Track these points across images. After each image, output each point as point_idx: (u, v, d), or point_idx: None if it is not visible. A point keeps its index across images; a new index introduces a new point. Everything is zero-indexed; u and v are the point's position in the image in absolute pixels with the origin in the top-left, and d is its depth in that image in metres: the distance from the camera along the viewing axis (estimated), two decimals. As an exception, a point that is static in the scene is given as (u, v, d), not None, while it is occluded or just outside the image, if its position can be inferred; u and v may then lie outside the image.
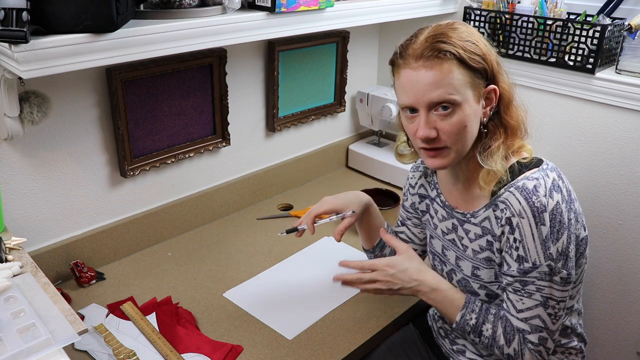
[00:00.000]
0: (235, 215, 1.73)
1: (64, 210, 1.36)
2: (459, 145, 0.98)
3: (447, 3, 1.76)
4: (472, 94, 0.96)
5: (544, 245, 0.94)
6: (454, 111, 0.95)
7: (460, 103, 0.95)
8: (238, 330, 1.23)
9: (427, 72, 0.94)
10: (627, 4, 1.52)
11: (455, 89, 0.94)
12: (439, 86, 0.93)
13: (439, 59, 0.93)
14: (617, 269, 1.57)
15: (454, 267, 1.13)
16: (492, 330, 1.03)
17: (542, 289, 0.97)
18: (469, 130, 0.97)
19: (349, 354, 1.17)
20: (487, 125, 1.00)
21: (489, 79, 0.98)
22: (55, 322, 0.88)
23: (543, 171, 0.98)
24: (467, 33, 0.97)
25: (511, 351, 1.02)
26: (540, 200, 0.94)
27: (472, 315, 1.04)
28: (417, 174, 1.24)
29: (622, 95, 1.42)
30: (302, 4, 1.33)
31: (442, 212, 1.15)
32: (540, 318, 0.98)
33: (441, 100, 0.94)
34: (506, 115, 1.00)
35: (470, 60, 0.94)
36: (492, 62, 0.97)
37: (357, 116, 2.05)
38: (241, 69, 1.62)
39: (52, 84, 1.23)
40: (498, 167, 0.99)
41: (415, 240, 1.30)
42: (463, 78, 0.94)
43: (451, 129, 0.96)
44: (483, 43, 0.97)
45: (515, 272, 0.98)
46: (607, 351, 1.66)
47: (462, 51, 0.93)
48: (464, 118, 0.95)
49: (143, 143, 1.44)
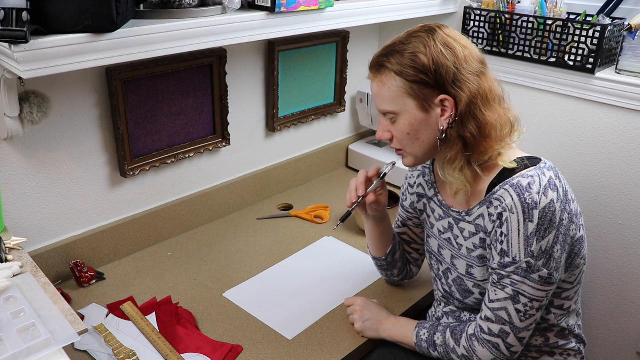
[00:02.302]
0: (235, 215, 1.73)
1: (64, 210, 1.36)
2: (412, 150, 1.05)
3: (447, 3, 1.76)
4: (414, 103, 0.99)
5: (527, 241, 0.95)
6: (396, 119, 1.03)
7: (398, 113, 1.01)
8: (238, 330, 1.23)
9: (373, 84, 1.04)
10: (627, 4, 1.52)
11: (391, 99, 1.01)
12: (378, 96, 1.03)
13: (379, 72, 1.02)
14: (617, 269, 1.57)
15: (449, 266, 1.14)
16: (442, 336, 1.09)
17: (515, 284, 0.98)
18: (418, 137, 1.02)
19: (349, 354, 1.17)
20: (447, 134, 1.00)
21: (441, 89, 0.97)
22: (55, 322, 0.88)
23: (540, 169, 0.98)
24: (421, 44, 0.97)
25: (463, 350, 1.05)
26: (533, 197, 0.94)
27: (424, 331, 1.13)
28: (416, 173, 1.24)
29: (622, 95, 1.42)
30: (302, 4, 1.33)
31: (439, 211, 1.15)
32: (507, 311, 0.99)
33: (381, 110, 1.04)
34: (463, 125, 0.98)
35: (403, 73, 0.98)
36: (444, 73, 0.96)
37: (357, 116, 2.05)
38: (241, 69, 1.62)
39: (52, 84, 1.23)
40: (449, 178, 1.03)
41: (418, 240, 1.30)
42: (399, 90, 0.99)
43: (397, 134, 1.04)
44: (437, 54, 0.96)
45: (496, 265, 1.00)
46: (606, 351, 1.66)
47: (397, 65, 0.98)
48: (407, 125, 1.01)
49: (143, 143, 1.44)
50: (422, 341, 1.12)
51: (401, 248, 1.30)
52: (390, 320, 1.20)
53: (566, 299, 1.07)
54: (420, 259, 1.34)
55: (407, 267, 1.33)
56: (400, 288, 1.38)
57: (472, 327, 1.06)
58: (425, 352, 1.12)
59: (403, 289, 1.38)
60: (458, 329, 1.08)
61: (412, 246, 1.31)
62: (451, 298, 1.17)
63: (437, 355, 1.10)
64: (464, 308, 1.15)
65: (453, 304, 1.18)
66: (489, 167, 1.02)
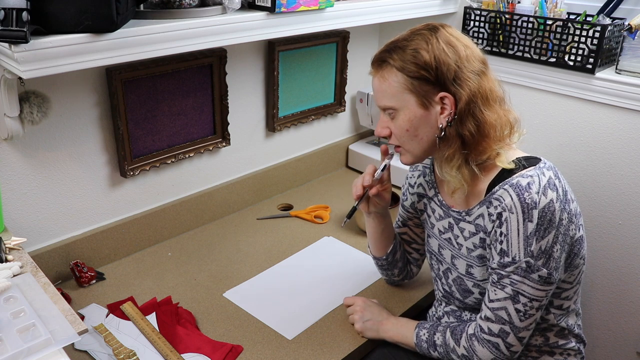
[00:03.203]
0: (235, 215, 1.73)
1: (64, 210, 1.36)
2: (410, 147, 1.05)
3: (447, 3, 1.76)
4: (414, 100, 0.99)
5: (526, 241, 0.95)
6: (396, 114, 1.03)
7: (398, 108, 1.02)
8: (238, 330, 1.23)
9: (374, 79, 1.05)
10: (627, 4, 1.52)
11: (391, 95, 1.01)
12: (379, 91, 1.04)
13: (380, 67, 1.02)
14: (617, 269, 1.57)
15: (449, 266, 1.15)
16: (442, 336, 1.09)
17: (515, 284, 0.98)
18: (417, 134, 1.02)
19: (349, 354, 1.17)
20: (445, 132, 1.00)
21: (441, 86, 0.97)
22: (55, 322, 0.88)
23: (539, 169, 0.98)
24: (424, 41, 0.97)
25: (463, 350, 1.05)
26: (532, 197, 0.94)
27: (424, 331, 1.13)
28: (416, 173, 1.24)
29: (622, 95, 1.42)
30: (302, 4, 1.33)
31: (439, 211, 1.16)
32: (507, 311, 0.99)
33: (380, 105, 1.05)
34: (461, 123, 0.98)
35: (405, 69, 0.98)
36: (445, 70, 0.96)
37: (357, 116, 2.05)
38: (241, 69, 1.62)
39: (52, 84, 1.23)
40: (447, 176, 1.03)
41: (418, 240, 1.30)
42: (399, 85, 0.99)
43: (396, 130, 1.04)
44: (439, 51, 0.96)
45: (495, 265, 1.00)
46: (606, 351, 1.66)
47: (399, 61, 0.99)
48: (406, 121, 1.02)
49: (143, 143, 1.44)
50: (422, 341, 1.12)
51: (402, 248, 1.30)
52: (390, 321, 1.20)
53: (566, 299, 1.07)
54: (421, 258, 1.34)
55: (407, 267, 1.33)
56: (400, 288, 1.38)
57: (472, 327, 1.06)
58: (425, 353, 1.12)
59: (403, 289, 1.38)
60: (458, 328, 1.08)
61: (412, 246, 1.31)
62: (451, 298, 1.17)
63: (437, 355, 1.10)
64: (464, 308, 1.15)
65: (453, 304, 1.18)
66: (488, 167, 1.02)
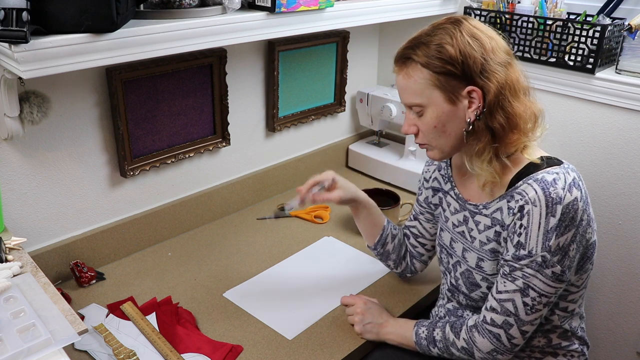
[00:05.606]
0: (235, 215, 1.73)
1: (64, 210, 1.36)
2: (438, 143, 1.04)
3: (447, 3, 1.76)
4: (441, 95, 0.99)
5: (546, 235, 0.95)
6: (423, 111, 1.02)
7: (425, 105, 1.01)
8: (238, 330, 1.23)
9: (399, 77, 1.03)
10: (627, 4, 1.52)
11: (417, 92, 1.00)
12: (405, 89, 1.02)
13: (405, 64, 1.01)
14: (617, 269, 1.57)
15: (459, 259, 1.14)
16: (442, 331, 1.09)
17: (527, 277, 0.97)
18: (445, 130, 1.01)
19: (349, 354, 1.17)
20: (474, 126, 1.00)
21: (468, 80, 0.97)
22: (55, 322, 0.88)
23: (564, 169, 0.98)
24: (448, 35, 0.97)
25: (463, 342, 1.05)
26: (557, 192, 0.94)
27: (423, 328, 1.13)
28: (432, 167, 1.25)
29: (622, 95, 1.42)
30: (302, 4, 1.33)
31: (454, 205, 1.16)
32: (514, 303, 0.99)
33: (407, 103, 1.03)
34: (491, 116, 0.98)
35: (430, 65, 0.97)
36: (471, 64, 0.96)
37: (357, 116, 2.05)
38: (241, 69, 1.62)
39: (52, 84, 1.23)
40: (477, 170, 1.02)
41: (426, 235, 1.31)
42: (425, 81, 0.98)
43: (424, 127, 1.03)
44: (464, 45, 0.95)
45: (509, 257, 0.99)
46: (607, 351, 1.66)
47: (423, 57, 0.97)
48: (434, 118, 1.01)
49: (143, 143, 1.44)
50: (422, 339, 1.12)
51: (397, 242, 1.31)
52: (390, 323, 1.19)
53: (571, 302, 1.07)
54: (426, 254, 1.33)
55: (406, 261, 1.34)
56: (400, 288, 1.38)
57: (472, 320, 1.06)
58: (426, 350, 1.12)
59: (403, 289, 1.38)
60: (457, 323, 1.08)
61: (418, 240, 1.31)
62: (457, 292, 1.16)
63: (437, 351, 1.10)
64: (467, 305, 1.15)
65: (458, 299, 1.17)
66: (513, 160, 1.02)
